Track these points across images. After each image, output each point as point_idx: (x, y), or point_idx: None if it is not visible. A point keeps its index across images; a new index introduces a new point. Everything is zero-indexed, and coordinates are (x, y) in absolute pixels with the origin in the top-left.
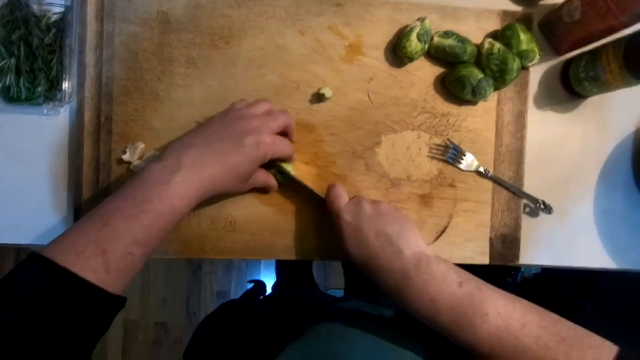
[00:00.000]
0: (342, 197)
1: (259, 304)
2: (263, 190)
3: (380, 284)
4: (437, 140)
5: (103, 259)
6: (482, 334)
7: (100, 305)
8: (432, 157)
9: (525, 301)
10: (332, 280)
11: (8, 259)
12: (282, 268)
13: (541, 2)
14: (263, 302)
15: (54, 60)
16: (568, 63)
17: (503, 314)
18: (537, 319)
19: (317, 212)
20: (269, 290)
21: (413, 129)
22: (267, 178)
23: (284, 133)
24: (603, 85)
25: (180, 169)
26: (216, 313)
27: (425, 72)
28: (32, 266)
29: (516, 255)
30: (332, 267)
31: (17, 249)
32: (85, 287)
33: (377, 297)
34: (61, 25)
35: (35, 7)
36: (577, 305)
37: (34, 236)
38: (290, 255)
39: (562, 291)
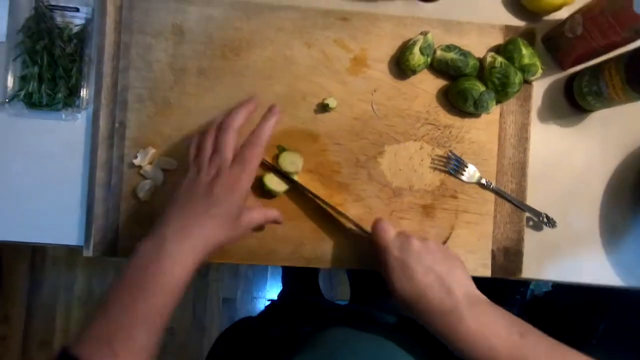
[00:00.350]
0: (389, 231)
1: (267, 312)
2: (269, 194)
3: (428, 323)
4: (440, 152)
5: (109, 345)
6: None
7: None
8: (435, 168)
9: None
10: (338, 291)
11: (24, 261)
12: (288, 277)
13: (544, 18)
14: (270, 307)
15: (74, 69)
16: (572, 77)
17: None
18: None
19: (321, 220)
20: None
21: (416, 140)
22: (263, 215)
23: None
24: (606, 100)
25: (165, 243)
26: (233, 329)
27: (428, 84)
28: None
29: (519, 269)
30: (338, 278)
31: (33, 250)
32: None
33: (382, 305)
34: (82, 36)
35: (58, 20)
36: (589, 326)
37: (48, 235)
38: (293, 262)
39: (573, 310)
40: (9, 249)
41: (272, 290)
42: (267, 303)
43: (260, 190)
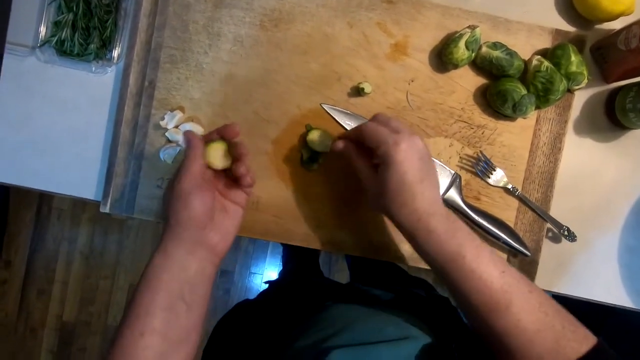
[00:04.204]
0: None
1: (268, 291)
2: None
3: (407, 220)
4: (469, 151)
5: (110, 348)
6: (498, 283)
7: None
8: (462, 167)
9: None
10: (337, 278)
11: (30, 210)
12: (289, 258)
13: (597, 26)
14: (271, 287)
15: (109, 21)
16: (615, 92)
17: (517, 277)
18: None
19: (340, 206)
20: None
21: (447, 136)
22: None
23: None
24: None
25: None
26: (232, 313)
27: (467, 81)
28: None
29: (532, 278)
30: (338, 265)
31: (40, 201)
32: None
33: (379, 284)
34: None
35: None
36: (596, 320)
37: (66, 187)
38: (308, 244)
39: (582, 304)
40: (17, 197)
41: (270, 269)
42: (264, 284)
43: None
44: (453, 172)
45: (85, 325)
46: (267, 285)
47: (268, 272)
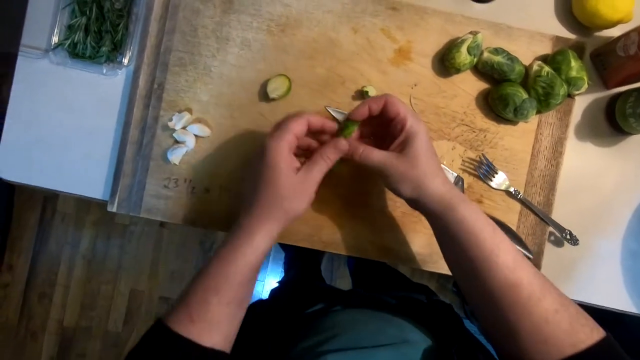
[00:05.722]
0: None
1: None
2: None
3: (442, 188)
4: (472, 155)
5: (187, 310)
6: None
7: (190, 356)
8: (464, 170)
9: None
10: (339, 285)
11: (34, 212)
12: (291, 264)
13: (596, 33)
14: (273, 293)
15: (121, 25)
16: (615, 97)
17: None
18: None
19: (342, 207)
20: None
21: (449, 140)
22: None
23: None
24: None
25: (239, 218)
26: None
27: (469, 85)
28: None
29: None
30: (340, 272)
31: (44, 204)
32: (175, 339)
33: (381, 290)
34: None
35: None
36: (596, 317)
37: (74, 186)
38: (311, 245)
39: None
40: (21, 200)
41: (272, 275)
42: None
43: None
44: (456, 174)
45: (86, 330)
46: (276, 286)
47: (270, 279)
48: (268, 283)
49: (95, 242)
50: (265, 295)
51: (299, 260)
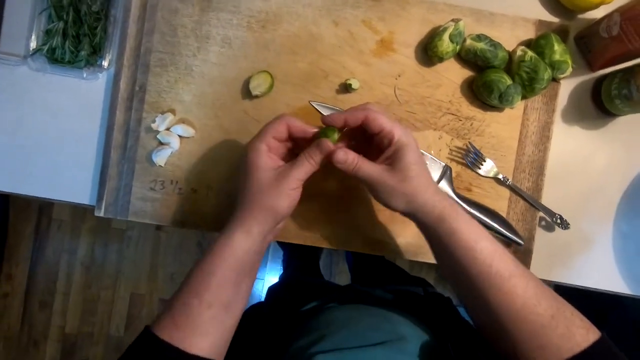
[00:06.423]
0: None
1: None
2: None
3: (435, 197)
4: (459, 143)
5: (170, 315)
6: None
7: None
8: (452, 159)
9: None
10: (337, 280)
11: (30, 221)
12: (290, 262)
13: (579, 16)
14: (275, 290)
15: (99, 28)
16: (601, 79)
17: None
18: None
19: (330, 202)
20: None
21: (435, 129)
22: (302, 166)
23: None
24: (636, 105)
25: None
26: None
27: (453, 74)
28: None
29: (527, 268)
30: (338, 267)
31: (39, 213)
32: (159, 345)
33: (379, 285)
34: None
35: None
36: (598, 315)
37: (60, 192)
38: (302, 240)
39: (583, 299)
40: (16, 210)
41: (271, 273)
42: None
43: None
44: (443, 164)
45: (88, 336)
46: (274, 283)
47: (269, 277)
48: (268, 281)
49: (93, 249)
50: (263, 293)
51: (297, 257)
